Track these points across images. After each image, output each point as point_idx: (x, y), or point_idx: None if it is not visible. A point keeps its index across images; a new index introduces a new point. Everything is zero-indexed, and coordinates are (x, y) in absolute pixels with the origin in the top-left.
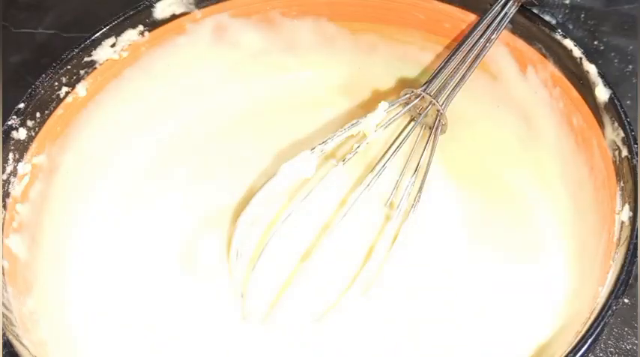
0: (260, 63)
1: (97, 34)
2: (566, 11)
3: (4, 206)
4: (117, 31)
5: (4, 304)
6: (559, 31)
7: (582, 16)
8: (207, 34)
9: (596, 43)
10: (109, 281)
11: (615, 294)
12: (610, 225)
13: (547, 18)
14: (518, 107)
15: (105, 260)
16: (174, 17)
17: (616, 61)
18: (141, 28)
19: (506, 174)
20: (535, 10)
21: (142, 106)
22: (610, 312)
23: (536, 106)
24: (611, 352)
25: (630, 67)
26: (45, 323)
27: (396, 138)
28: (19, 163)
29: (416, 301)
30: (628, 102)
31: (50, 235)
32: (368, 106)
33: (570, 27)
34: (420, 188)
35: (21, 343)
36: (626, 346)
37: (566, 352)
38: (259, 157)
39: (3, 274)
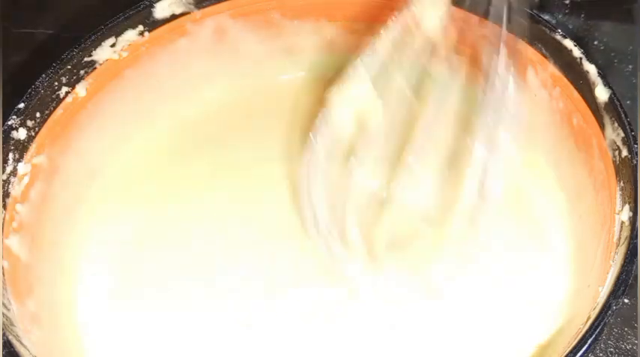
0: (260, 63)
1: (97, 34)
2: (566, 11)
3: (4, 206)
4: (117, 31)
5: (4, 304)
6: (559, 31)
7: (582, 16)
8: (208, 35)
9: (596, 43)
10: (111, 281)
11: (615, 294)
12: (610, 225)
13: (547, 18)
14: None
15: (106, 260)
16: (174, 17)
17: (616, 61)
18: (141, 28)
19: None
20: (535, 11)
21: (142, 106)
22: (610, 312)
23: (536, 107)
24: (611, 352)
25: (630, 67)
26: (45, 323)
27: None
28: (19, 163)
29: (414, 301)
30: (628, 102)
31: (51, 235)
32: None
33: (570, 27)
34: None
35: (21, 343)
36: (626, 346)
37: (567, 352)
38: (260, 159)
39: (3, 274)
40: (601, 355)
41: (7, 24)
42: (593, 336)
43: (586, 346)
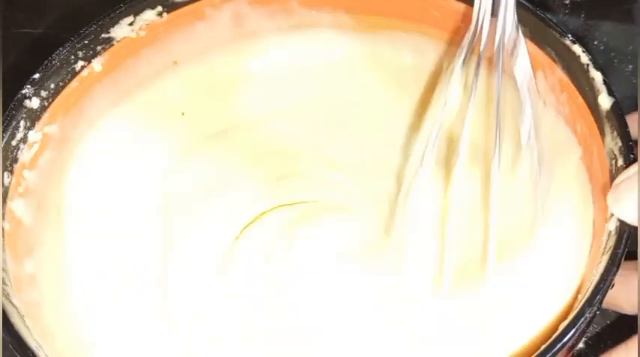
0: (278, 51)
1: (116, 12)
2: (566, 11)
3: (12, 171)
4: (136, 11)
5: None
6: (569, 35)
7: (582, 16)
8: (226, 20)
9: (596, 43)
10: (112, 250)
11: (590, 302)
12: (600, 234)
13: None
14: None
15: (109, 229)
16: (193, 0)
17: (616, 61)
18: (160, 9)
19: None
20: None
21: (157, 85)
22: (583, 319)
23: (543, 112)
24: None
25: (630, 67)
26: (43, 287)
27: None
28: (30, 131)
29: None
30: (627, 102)
31: (57, 203)
32: None
33: (570, 27)
34: None
35: (10, 302)
36: None
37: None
38: (276, 146)
39: (3, 236)
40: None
41: (7, 24)
42: (561, 343)
43: (553, 350)
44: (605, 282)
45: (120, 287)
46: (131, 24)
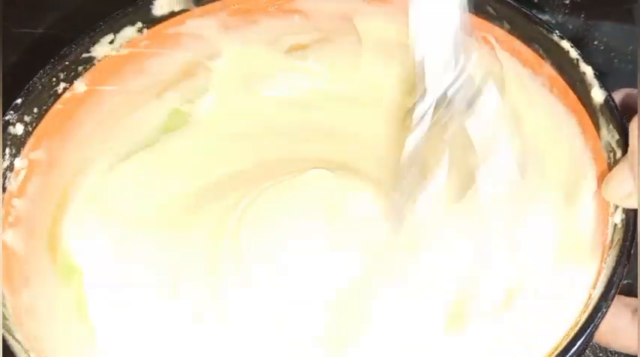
0: (261, 62)
1: (96, 31)
2: (566, 11)
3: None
4: (115, 28)
5: None
6: (556, 32)
7: (582, 16)
8: (208, 33)
9: (596, 43)
10: (107, 275)
11: (606, 297)
12: (604, 228)
13: (546, 18)
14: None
15: (105, 250)
16: (173, 14)
17: (616, 61)
18: (139, 25)
19: None
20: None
21: (142, 102)
22: (600, 314)
23: (534, 109)
24: (611, 352)
25: (630, 67)
26: (40, 316)
27: None
28: (16, 159)
29: None
30: None
31: (48, 227)
32: None
33: (570, 27)
34: None
35: (14, 337)
36: None
37: (555, 354)
38: (268, 162)
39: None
40: (601, 355)
41: (7, 24)
42: (583, 338)
43: (574, 348)
44: (617, 275)
45: (120, 311)
46: (112, 42)
